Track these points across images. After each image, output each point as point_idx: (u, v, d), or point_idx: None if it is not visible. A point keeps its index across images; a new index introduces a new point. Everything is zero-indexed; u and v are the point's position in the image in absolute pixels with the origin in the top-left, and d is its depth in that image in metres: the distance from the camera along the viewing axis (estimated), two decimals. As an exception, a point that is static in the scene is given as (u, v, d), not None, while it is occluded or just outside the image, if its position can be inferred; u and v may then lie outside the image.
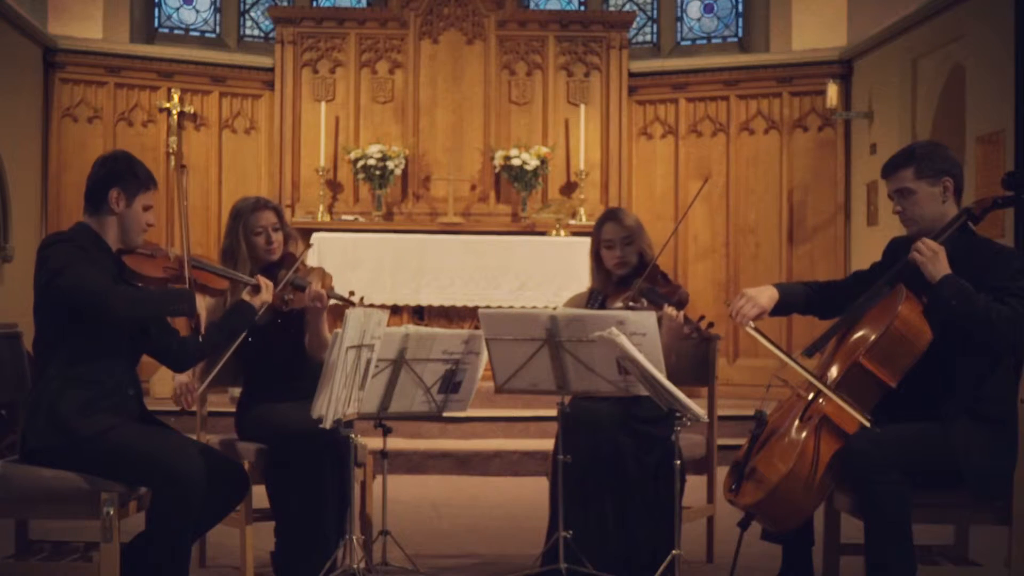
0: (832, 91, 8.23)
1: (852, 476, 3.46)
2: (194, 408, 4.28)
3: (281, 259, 4.40)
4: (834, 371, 3.58)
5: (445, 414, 4.26)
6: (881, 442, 3.42)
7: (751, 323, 3.78)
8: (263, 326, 4.22)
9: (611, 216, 4.52)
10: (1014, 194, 3.75)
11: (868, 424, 3.47)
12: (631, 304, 4.23)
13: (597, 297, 4.51)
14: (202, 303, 4.01)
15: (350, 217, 8.89)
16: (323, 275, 4.38)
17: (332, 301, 4.29)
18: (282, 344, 4.34)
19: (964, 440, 3.45)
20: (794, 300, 3.93)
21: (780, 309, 3.92)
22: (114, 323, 3.55)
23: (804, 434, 3.49)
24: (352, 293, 4.24)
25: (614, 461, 4.12)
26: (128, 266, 3.70)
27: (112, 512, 3.46)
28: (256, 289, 3.99)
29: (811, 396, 3.59)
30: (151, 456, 3.49)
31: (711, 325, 4.05)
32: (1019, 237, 6.23)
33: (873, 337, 3.52)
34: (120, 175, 3.68)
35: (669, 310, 4.10)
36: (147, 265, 3.73)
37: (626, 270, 4.44)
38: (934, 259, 3.53)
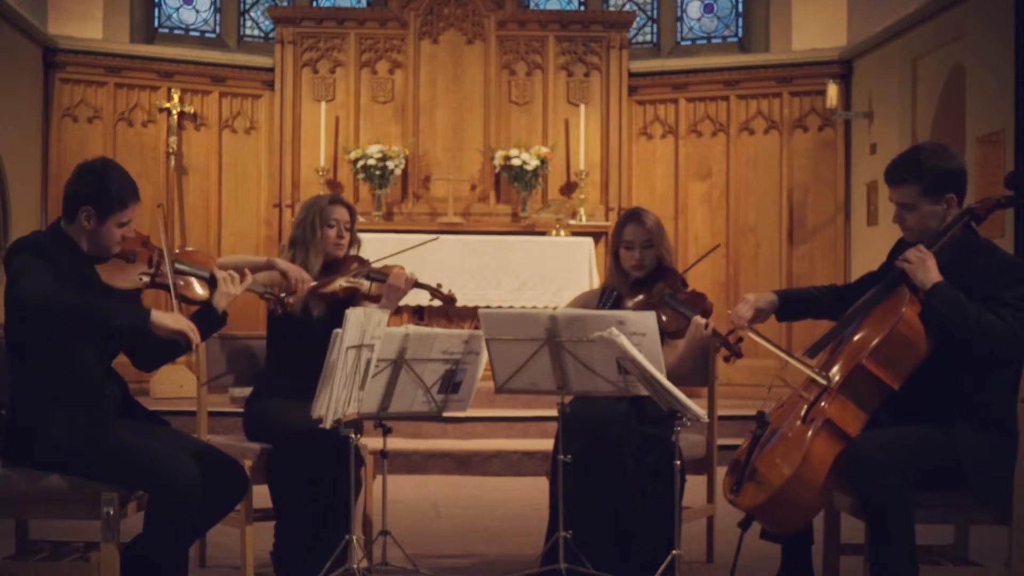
0: (832, 91, 8.22)
1: (856, 479, 3.44)
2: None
3: (344, 258, 4.48)
4: (837, 373, 3.55)
5: (445, 414, 4.26)
6: (885, 446, 3.41)
7: (747, 324, 3.81)
8: (319, 318, 4.24)
9: (633, 217, 4.43)
10: (1014, 194, 3.72)
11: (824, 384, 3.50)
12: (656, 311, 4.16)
13: (611, 294, 4.45)
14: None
15: (350, 217, 8.88)
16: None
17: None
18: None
19: (967, 443, 3.43)
20: (804, 304, 3.95)
21: (788, 313, 3.95)
22: (59, 332, 3.37)
23: (807, 437, 3.46)
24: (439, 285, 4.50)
25: (614, 461, 4.11)
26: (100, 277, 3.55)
27: (112, 512, 3.45)
28: (212, 282, 3.74)
29: (813, 397, 3.57)
30: (143, 462, 3.44)
31: (740, 340, 4.00)
32: (1019, 237, 6.22)
33: (876, 340, 3.49)
34: (89, 197, 3.45)
35: (699, 320, 4.10)
36: (118, 276, 3.57)
37: (642, 273, 4.39)
38: (922, 266, 3.51)
